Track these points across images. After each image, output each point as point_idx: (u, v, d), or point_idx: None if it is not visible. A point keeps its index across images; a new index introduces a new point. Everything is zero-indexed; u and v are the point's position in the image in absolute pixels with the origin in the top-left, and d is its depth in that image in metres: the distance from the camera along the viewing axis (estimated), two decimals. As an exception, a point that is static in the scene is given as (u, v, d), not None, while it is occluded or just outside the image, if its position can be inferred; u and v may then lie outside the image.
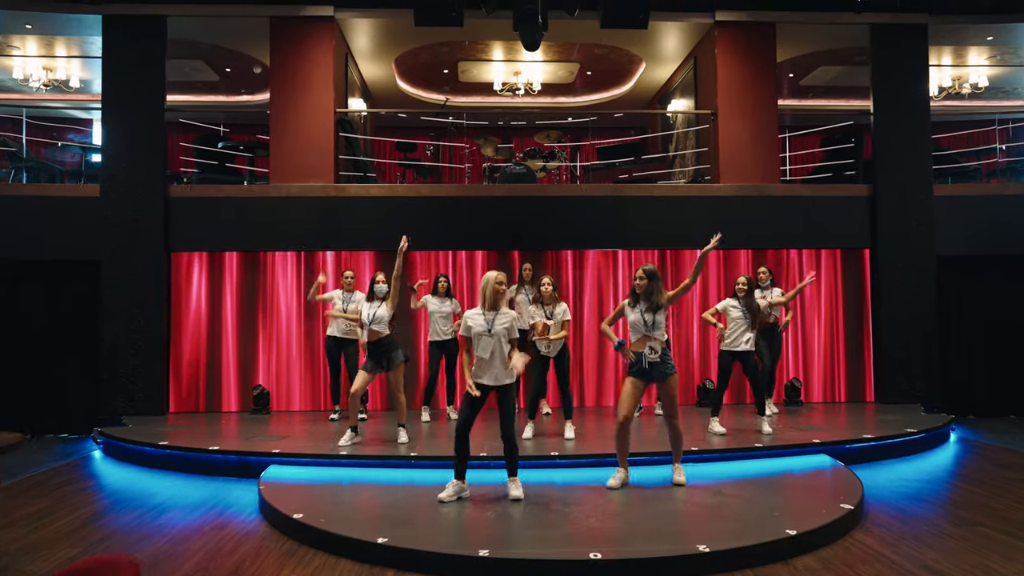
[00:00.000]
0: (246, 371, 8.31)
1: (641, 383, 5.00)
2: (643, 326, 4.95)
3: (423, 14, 7.51)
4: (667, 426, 5.07)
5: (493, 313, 4.67)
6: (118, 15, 8.01)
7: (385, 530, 4.08)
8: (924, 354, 8.33)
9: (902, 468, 6.10)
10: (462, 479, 4.73)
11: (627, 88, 11.08)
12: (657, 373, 4.93)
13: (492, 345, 4.60)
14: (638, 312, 4.98)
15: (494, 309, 4.68)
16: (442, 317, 7.28)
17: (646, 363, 4.91)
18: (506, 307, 4.75)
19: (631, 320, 5.02)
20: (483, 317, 4.66)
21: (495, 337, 4.60)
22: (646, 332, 4.94)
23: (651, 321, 4.94)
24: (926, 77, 8.61)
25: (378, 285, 6.29)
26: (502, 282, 4.68)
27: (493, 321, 4.64)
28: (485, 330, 4.62)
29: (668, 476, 5.16)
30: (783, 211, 8.39)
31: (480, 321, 4.65)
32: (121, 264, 7.87)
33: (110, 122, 8.03)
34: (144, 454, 6.40)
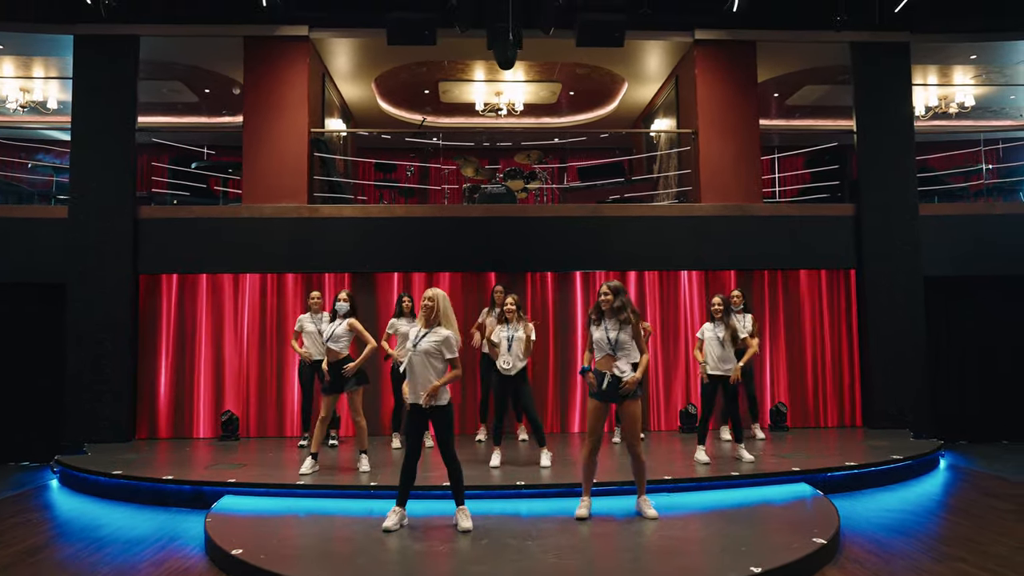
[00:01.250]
0: (218, 396, 8.10)
1: (603, 406, 4.78)
2: (607, 344, 4.72)
3: (396, 33, 7.45)
4: (629, 455, 4.83)
5: (426, 329, 4.51)
6: (90, 35, 7.93)
7: (327, 568, 3.84)
8: (913, 377, 8.10)
9: (886, 497, 5.84)
10: (403, 506, 4.58)
11: (611, 108, 10.99)
12: (617, 396, 4.69)
13: (416, 362, 4.46)
14: (603, 330, 4.76)
15: (428, 326, 4.52)
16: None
17: (605, 383, 4.68)
18: (447, 327, 4.55)
19: (595, 338, 4.79)
20: (414, 329, 4.56)
21: (419, 354, 4.46)
22: (609, 351, 4.72)
23: (615, 340, 4.71)
24: (909, 96, 8.49)
25: (339, 303, 6.10)
26: (427, 297, 4.54)
27: (421, 337, 4.49)
28: (411, 344, 4.49)
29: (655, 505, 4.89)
30: (767, 231, 8.22)
31: (411, 332, 4.58)
32: (88, 287, 7.70)
33: (80, 143, 7.91)
34: (99, 484, 6.16)
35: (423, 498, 5.08)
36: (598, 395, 4.73)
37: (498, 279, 8.14)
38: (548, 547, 4.18)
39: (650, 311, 8.34)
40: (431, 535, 4.43)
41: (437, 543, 4.28)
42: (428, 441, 7.21)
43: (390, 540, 4.34)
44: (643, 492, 4.91)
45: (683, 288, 8.45)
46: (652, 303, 8.39)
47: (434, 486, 5.30)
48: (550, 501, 5.32)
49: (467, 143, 11.78)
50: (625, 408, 4.74)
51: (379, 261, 8.04)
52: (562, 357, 8.25)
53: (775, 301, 8.49)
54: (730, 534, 4.46)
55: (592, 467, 4.84)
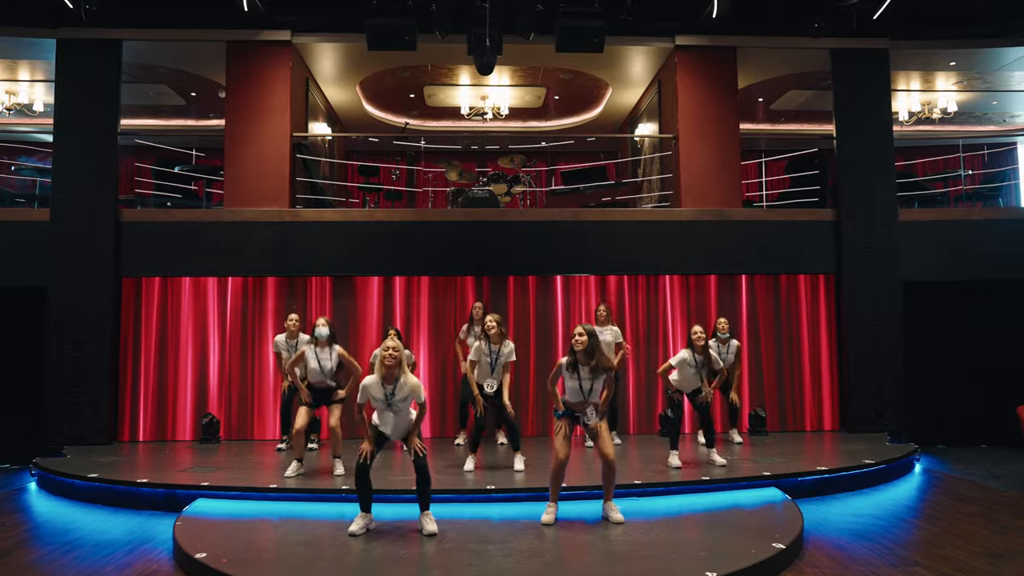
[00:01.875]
0: (200, 399, 8.13)
1: (570, 423, 4.89)
2: (580, 393, 4.77)
3: (376, 39, 7.47)
4: (602, 463, 4.87)
5: (391, 386, 4.55)
6: (72, 39, 7.98)
7: (286, 572, 3.88)
8: (892, 382, 8.15)
9: (857, 502, 5.88)
10: (368, 511, 4.64)
11: (597, 112, 11.04)
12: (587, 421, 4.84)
13: (392, 417, 4.58)
14: (576, 379, 4.77)
15: (391, 382, 4.55)
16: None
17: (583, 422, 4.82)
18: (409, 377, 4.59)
19: (568, 385, 4.83)
20: (382, 390, 4.55)
21: (394, 409, 4.56)
22: (584, 399, 4.78)
23: (589, 389, 4.77)
24: (888, 102, 8.54)
25: (319, 328, 6.13)
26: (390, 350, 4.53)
27: (392, 396, 4.54)
28: (384, 404, 4.56)
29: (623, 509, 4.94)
30: (746, 236, 8.26)
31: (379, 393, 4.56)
32: (69, 290, 7.73)
33: (62, 145, 7.95)
34: (75, 487, 6.19)
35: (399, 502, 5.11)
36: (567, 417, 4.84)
37: (477, 284, 8.18)
38: (509, 551, 4.22)
39: (630, 316, 8.38)
40: (395, 540, 4.47)
41: (400, 547, 4.32)
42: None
43: (354, 544, 4.38)
44: (610, 497, 4.95)
45: (663, 293, 8.48)
46: (632, 308, 8.43)
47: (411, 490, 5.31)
48: (521, 505, 5.34)
49: (454, 147, 11.83)
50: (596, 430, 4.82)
51: (360, 265, 8.08)
52: (543, 361, 8.27)
53: (755, 306, 8.53)
54: (691, 539, 4.50)
55: (561, 476, 4.89)
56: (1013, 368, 8.39)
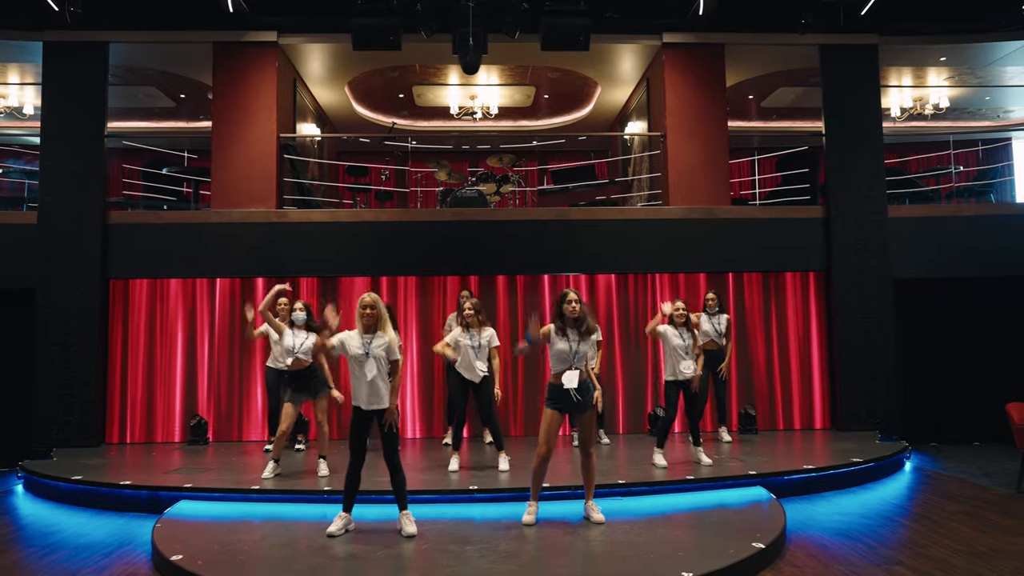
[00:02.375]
0: (189, 401, 8.12)
1: (559, 415, 4.78)
2: (570, 356, 4.69)
3: (361, 39, 7.46)
4: (583, 459, 4.84)
5: (370, 336, 4.55)
6: (59, 41, 7.97)
7: (260, 573, 3.86)
8: (882, 379, 8.10)
9: (843, 501, 5.84)
10: (349, 511, 4.61)
11: (587, 111, 11.01)
12: (580, 405, 4.71)
13: (367, 367, 4.49)
14: (566, 341, 4.73)
15: (369, 332, 4.56)
16: None
17: (575, 397, 4.68)
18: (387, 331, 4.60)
19: (557, 348, 4.72)
20: (360, 339, 4.55)
21: (371, 359, 4.50)
22: (575, 364, 4.70)
23: (577, 351, 4.70)
24: (878, 98, 8.50)
25: (296, 313, 6.16)
26: (366, 305, 4.56)
27: (370, 343, 4.53)
28: (362, 353, 4.50)
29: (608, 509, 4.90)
30: (735, 234, 8.22)
31: (357, 343, 4.55)
32: (57, 292, 7.72)
33: (49, 148, 7.94)
34: (60, 489, 6.18)
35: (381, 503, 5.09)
36: (557, 406, 4.72)
37: (464, 284, 8.16)
38: (485, 552, 4.19)
39: (618, 314, 8.36)
40: (374, 540, 4.44)
41: (378, 548, 4.29)
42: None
43: (333, 545, 4.36)
44: (591, 496, 4.90)
45: (652, 291, 8.45)
46: (621, 307, 8.39)
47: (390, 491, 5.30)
48: (504, 506, 5.31)
49: (445, 147, 11.82)
50: (582, 417, 4.75)
51: (348, 266, 8.06)
52: (531, 361, 8.25)
53: (745, 304, 8.50)
54: (671, 539, 4.47)
55: (542, 472, 4.84)
56: (1006, 365, 8.34)
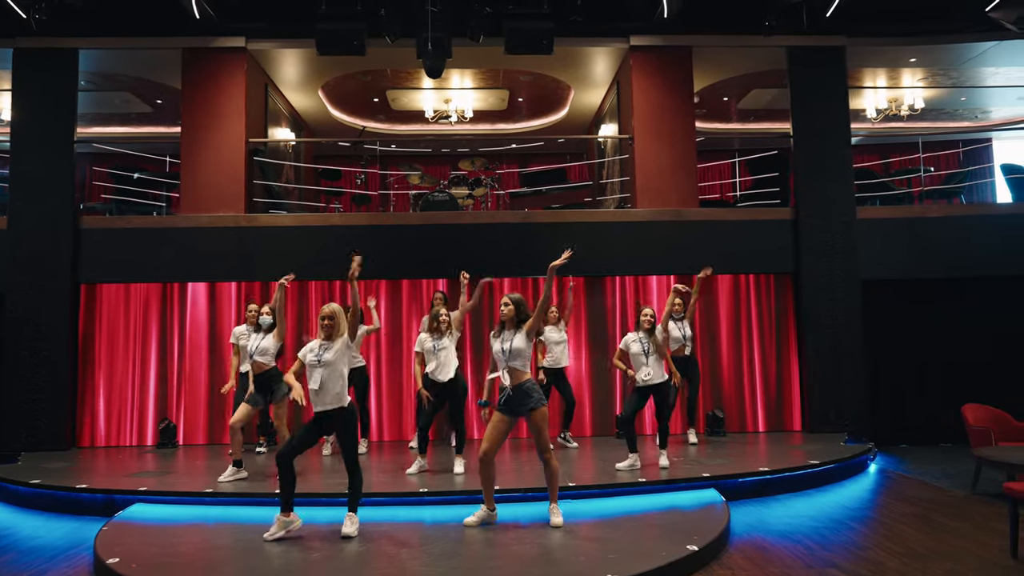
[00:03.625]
0: (162, 404, 8.16)
1: (507, 418, 4.80)
2: (502, 355, 4.76)
3: (325, 44, 7.51)
4: (541, 462, 4.85)
5: (328, 343, 4.60)
6: (29, 48, 8.04)
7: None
8: (851, 381, 8.10)
9: (797, 503, 5.84)
10: (289, 511, 4.58)
11: (563, 114, 11.04)
12: (520, 407, 4.72)
13: (323, 374, 4.52)
14: (499, 341, 4.81)
15: (328, 340, 4.61)
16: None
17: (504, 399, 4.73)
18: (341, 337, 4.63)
19: (494, 351, 4.83)
20: (317, 348, 4.60)
21: (321, 368, 4.52)
22: (507, 362, 4.75)
23: (510, 348, 4.74)
24: (845, 99, 8.50)
25: (262, 317, 6.19)
26: (325, 316, 4.63)
27: (324, 352, 4.57)
28: (315, 359, 4.54)
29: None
30: (703, 236, 8.23)
31: (313, 353, 4.60)
32: (26, 297, 7.78)
33: (19, 154, 8.01)
34: (19, 493, 6.22)
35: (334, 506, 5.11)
36: (502, 408, 4.77)
37: (432, 288, 8.19)
38: (420, 554, 4.22)
39: (587, 317, 8.38)
40: (313, 543, 4.46)
41: (314, 551, 4.32)
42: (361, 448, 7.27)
43: (269, 548, 4.38)
44: (554, 499, 4.87)
45: (620, 294, 8.47)
46: (590, 309, 8.41)
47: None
48: (456, 508, 5.33)
49: (425, 150, 11.86)
50: (532, 417, 4.75)
51: (317, 269, 8.08)
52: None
53: (713, 305, 8.51)
54: (609, 540, 4.48)
55: (488, 475, 4.83)
56: (973, 367, 8.32)
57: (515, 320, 4.82)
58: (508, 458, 6.88)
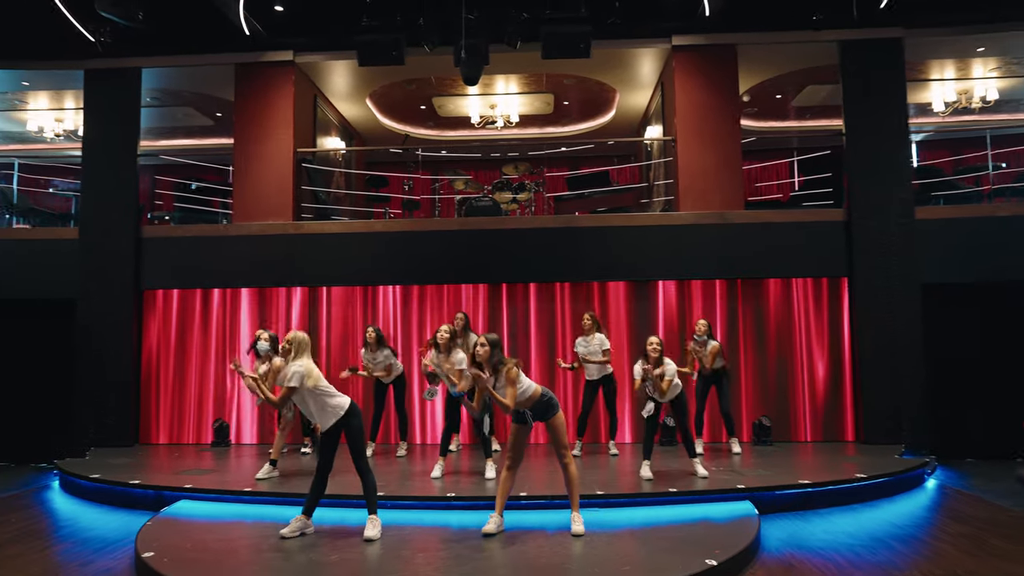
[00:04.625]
0: (219, 403, 8.54)
1: (523, 427, 4.80)
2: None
3: (365, 55, 7.70)
4: (561, 469, 4.82)
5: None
6: (97, 68, 8.58)
7: (214, 573, 4.07)
8: (910, 391, 7.68)
9: (839, 518, 5.58)
10: (308, 516, 4.76)
11: (610, 116, 10.93)
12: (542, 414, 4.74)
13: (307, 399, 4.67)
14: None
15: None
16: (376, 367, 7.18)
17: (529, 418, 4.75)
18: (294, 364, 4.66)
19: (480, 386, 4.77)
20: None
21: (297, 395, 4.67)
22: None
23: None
24: (903, 93, 8.06)
25: (260, 343, 6.40)
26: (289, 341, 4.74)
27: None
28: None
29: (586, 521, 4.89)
30: (750, 239, 7.98)
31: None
32: (95, 302, 8.29)
33: (90, 168, 8.56)
34: (80, 487, 6.65)
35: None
36: (516, 419, 4.77)
37: (474, 292, 8.27)
38: (433, 559, 4.27)
39: (627, 323, 8.26)
40: (332, 544, 4.58)
41: (331, 552, 4.43)
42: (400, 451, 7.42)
43: (291, 548, 4.52)
44: (575, 507, 4.85)
45: (663, 299, 8.32)
46: (631, 315, 8.29)
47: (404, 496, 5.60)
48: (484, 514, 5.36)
49: (473, 155, 11.98)
50: (550, 424, 4.76)
51: (360, 275, 8.30)
52: (545, 367, 8.26)
53: (762, 310, 8.24)
54: (627, 552, 4.41)
55: (507, 486, 4.86)
56: (1050, 376, 7.74)
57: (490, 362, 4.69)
58: (543, 463, 6.85)
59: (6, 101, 10.04)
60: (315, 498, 4.75)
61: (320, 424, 4.73)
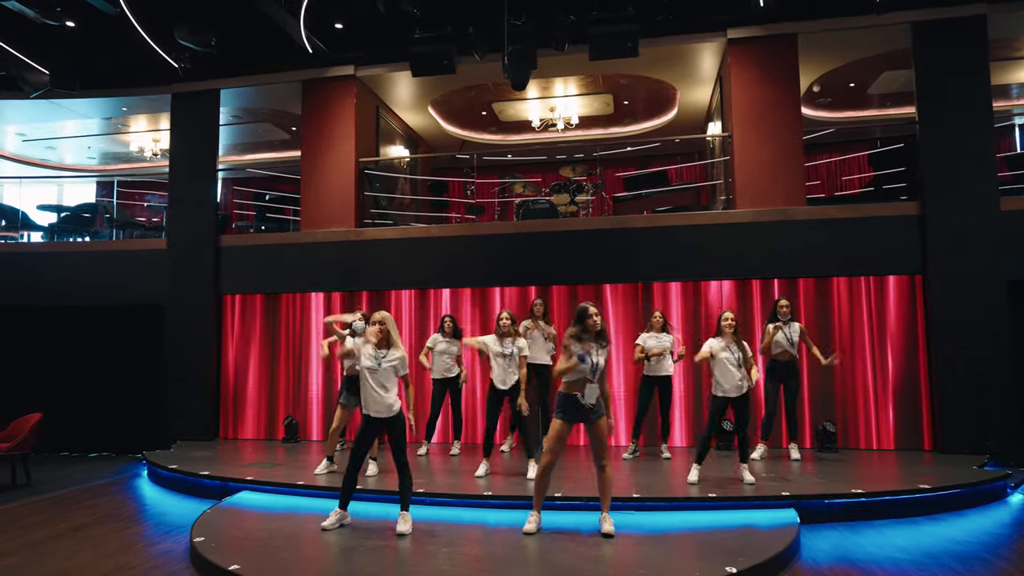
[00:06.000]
0: (295, 401, 9.04)
1: (568, 426, 4.79)
2: (590, 370, 4.67)
3: (418, 65, 7.96)
4: (596, 470, 4.83)
5: (384, 351, 4.89)
6: (182, 92, 9.33)
7: (252, 557, 4.37)
8: (996, 396, 7.10)
9: (896, 531, 5.25)
10: (344, 508, 5.03)
11: (673, 115, 10.72)
12: (590, 414, 4.73)
13: (375, 380, 4.84)
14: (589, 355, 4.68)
15: (385, 347, 4.90)
16: (447, 356, 7.45)
17: (583, 403, 4.72)
18: (397, 348, 4.92)
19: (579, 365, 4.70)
20: (369, 350, 4.91)
21: (380, 372, 4.83)
22: (590, 376, 4.69)
23: (598, 364, 4.70)
24: (986, 75, 7.46)
25: (356, 323, 6.67)
26: (376, 321, 4.92)
27: (383, 357, 4.87)
28: (375, 365, 4.84)
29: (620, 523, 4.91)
30: (812, 236, 7.65)
31: (369, 356, 4.90)
32: (180, 308, 9.01)
33: (175, 182, 9.31)
34: (162, 476, 7.26)
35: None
36: (567, 416, 4.75)
37: (522, 295, 8.35)
38: (455, 555, 4.38)
39: (684, 323, 8.09)
40: (368, 536, 4.79)
41: (367, 542, 4.64)
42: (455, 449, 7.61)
43: (329, 538, 4.78)
44: (606, 508, 4.86)
45: (722, 298, 8.09)
46: (688, 315, 8.11)
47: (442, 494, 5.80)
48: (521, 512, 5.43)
49: (540, 157, 12.06)
50: (595, 426, 4.76)
51: (418, 279, 8.57)
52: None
53: (827, 311, 7.85)
54: (650, 556, 4.36)
55: (544, 484, 4.91)
56: None
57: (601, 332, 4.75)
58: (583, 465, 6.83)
59: (111, 125, 11.07)
60: (348, 491, 4.99)
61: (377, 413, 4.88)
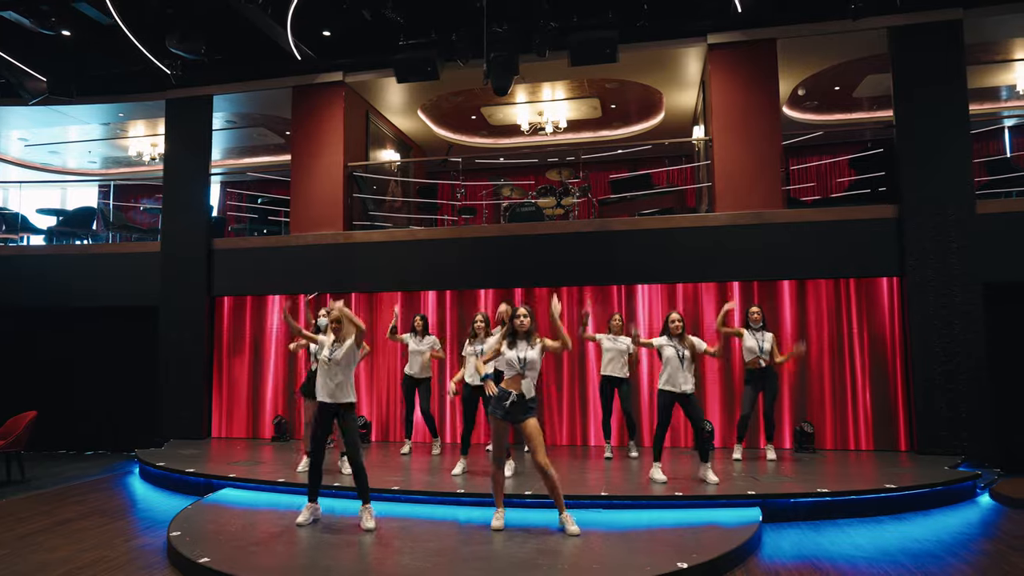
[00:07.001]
0: (288, 401, 9.20)
1: (504, 423, 4.95)
2: (518, 364, 4.92)
3: (402, 72, 8.11)
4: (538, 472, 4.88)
5: (338, 344, 5.10)
6: (176, 98, 9.53)
7: (223, 551, 4.52)
8: (971, 398, 7.16)
9: (858, 531, 5.33)
10: (314, 501, 5.20)
11: (660, 118, 10.82)
12: (517, 414, 4.88)
13: (329, 369, 5.05)
14: (514, 352, 4.98)
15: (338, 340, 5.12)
16: (418, 355, 7.61)
17: (508, 403, 4.89)
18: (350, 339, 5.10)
19: (507, 358, 5.00)
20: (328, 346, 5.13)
21: (335, 363, 5.05)
22: (520, 371, 4.92)
23: (526, 359, 4.92)
24: (963, 80, 7.53)
25: (320, 319, 6.84)
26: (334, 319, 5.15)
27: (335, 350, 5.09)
28: (327, 355, 5.07)
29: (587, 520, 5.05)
30: (791, 239, 7.73)
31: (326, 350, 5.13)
32: (173, 309, 9.21)
33: (169, 186, 9.50)
34: (150, 473, 7.44)
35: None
36: (497, 414, 4.92)
37: (507, 296, 8.47)
38: (418, 549, 4.52)
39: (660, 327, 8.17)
40: (339, 531, 4.94)
41: (336, 537, 4.79)
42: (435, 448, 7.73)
43: (301, 533, 4.93)
44: (563, 509, 4.96)
45: (703, 302, 8.19)
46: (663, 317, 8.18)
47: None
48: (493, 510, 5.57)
49: (530, 160, 12.19)
50: (525, 426, 4.89)
51: (403, 281, 8.72)
52: (575, 370, 8.36)
53: (804, 313, 7.94)
54: (605, 552, 4.47)
55: (499, 480, 5.05)
56: None
57: (530, 332, 4.97)
58: (557, 463, 6.95)
59: (110, 130, 11.30)
60: (315, 484, 5.19)
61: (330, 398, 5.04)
